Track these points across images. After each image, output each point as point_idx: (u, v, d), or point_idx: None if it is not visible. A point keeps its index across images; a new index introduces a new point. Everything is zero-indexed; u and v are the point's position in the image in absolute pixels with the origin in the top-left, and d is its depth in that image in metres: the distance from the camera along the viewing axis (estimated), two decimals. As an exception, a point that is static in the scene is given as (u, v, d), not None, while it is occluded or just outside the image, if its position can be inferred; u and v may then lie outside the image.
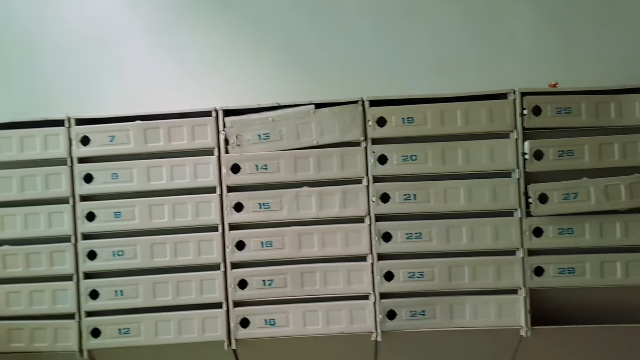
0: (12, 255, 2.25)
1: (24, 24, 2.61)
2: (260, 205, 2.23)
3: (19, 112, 2.33)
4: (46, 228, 2.25)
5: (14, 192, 2.25)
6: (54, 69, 2.61)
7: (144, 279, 2.25)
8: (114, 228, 2.25)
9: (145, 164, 2.24)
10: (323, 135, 2.20)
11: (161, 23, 2.63)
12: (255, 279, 2.24)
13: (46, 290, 2.25)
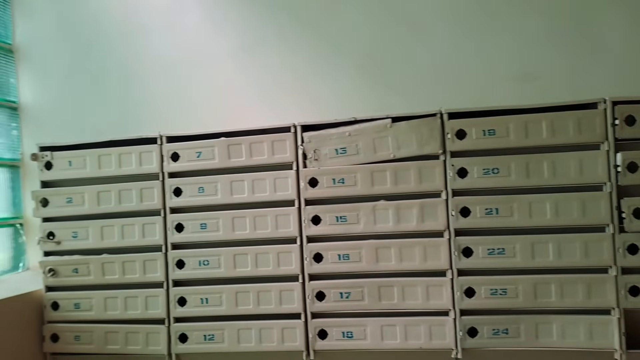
0: (110, 263, 2.45)
1: (121, 51, 2.86)
2: (337, 218, 2.28)
3: (118, 131, 2.55)
4: (140, 238, 2.43)
5: (112, 204, 2.45)
6: (147, 91, 2.83)
7: (227, 288, 2.36)
8: (200, 239, 2.39)
9: (229, 178, 2.37)
10: (400, 148, 2.22)
11: (244, 45, 2.77)
12: (333, 291, 2.28)
13: (139, 297, 2.43)
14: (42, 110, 2.94)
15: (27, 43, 2.96)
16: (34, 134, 2.88)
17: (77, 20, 2.90)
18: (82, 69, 2.89)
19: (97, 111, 2.86)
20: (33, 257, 2.86)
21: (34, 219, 2.65)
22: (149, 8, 2.84)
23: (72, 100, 2.89)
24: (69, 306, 2.49)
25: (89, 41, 2.89)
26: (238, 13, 2.78)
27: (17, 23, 2.96)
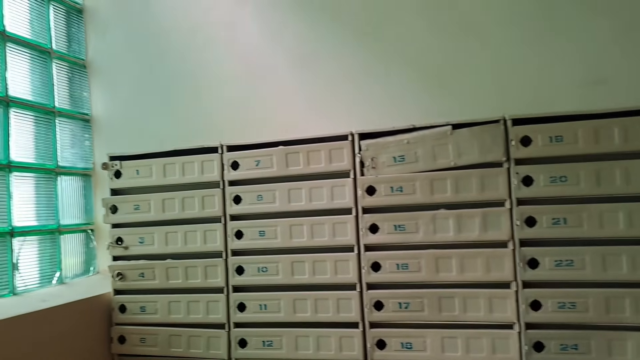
0: (174, 268, 2.55)
1: (185, 65, 2.99)
2: (395, 227, 2.27)
3: (182, 141, 2.66)
4: (202, 244, 2.52)
5: (176, 211, 2.55)
6: (209, 102, 2.94)
7: (285, 294, 2.40)
8: (259, 246, 2.44)
9: (287, 186, 2.41)
10: (461, 156, 2.18)
11: (302, 55, 2.82)
12: (392, 301, 2.27)
13: (201, 301, 2.51)
14: (112, 121, 3.11)
15: (98, 58, 3.15)
16: (105, 145, 3.05)
17: (145, 36, 3.06)
18: (149, 82, 3.04)
19: (163, 122, 3.00)
20: (103, 262, 3.02)
21: (104, 225, 2.81)
22: (212, 23, 2.95)
23: (140, 112, 3.05)
24: (136, 309, 2.61)
25: (156, 56, 3.03)
26: (296, 24, 2.83)
27: (90, 40, 3.16)
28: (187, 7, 3.01)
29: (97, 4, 3.16)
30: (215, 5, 2.97)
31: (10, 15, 2.62)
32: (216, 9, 2.96)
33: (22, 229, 2.58)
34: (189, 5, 3.00)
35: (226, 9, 2.95)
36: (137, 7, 3.09)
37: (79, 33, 3.10)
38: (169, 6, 3.04)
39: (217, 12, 2.96)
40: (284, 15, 2.86)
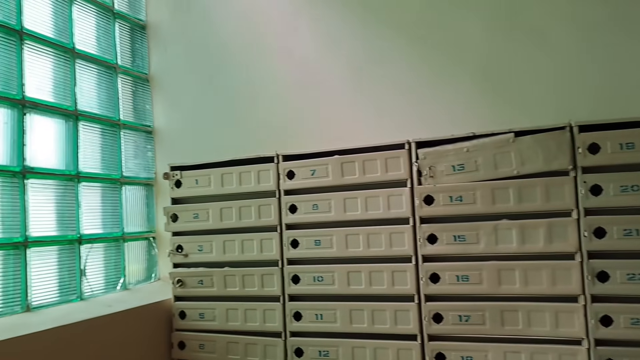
0: (231, 276, 2.62)
1: (243, 77, 3.08)
2: (455, 237, 2.23)
3: (239, 150, 2.73)
4: (258, 253, 2.57)
5: (233, 220, 2.62)
6: (265, 112, 3.01)
7: (341, 305, 2.40)
8: (315, 255, 2.46)
9: (342, 195, 2.42)
10: (524, 164, 2.12)
11: (357, 64, 2.84)
12: (451, 313, 2.22)
13: (258, 309, 2.56)
14: (173, 132, 3.24)
15: (160, 72, 3.30)
16: (166, 155, 3.18)
17: (204, 50, 3.18)
18: (208, 94, 3.15)
19: (221, 132, 3.09)
20: (164, 268, 3.14)
21: (165, 233, 2.93)
22: (268, 35, 3.03)
23: (199, 123, 3.16)
24: (195, 315, 2.69)
25: (214, 68, 3.14)
26: (351, 34, 2.86)
27: (153, 54, 3.31)
28: (244, 20, 3.10)
29: (159, 20, 3.31)
30: (272, 18, 3.04)
31: (79, 33, 2.79)
32: (273, 22, 3.04)
33: (89, 236, 2.73)
34: (247, 18, 3.10)
35: (283, 21, 3.02)
36: (196, 23, 3.21)
37: (142, 48, 3.26)
38: (227, 20, 3.15)
39: (273, 25, 3.03)
40: (340, 25, 2.89)
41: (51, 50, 2.62)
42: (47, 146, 2.56)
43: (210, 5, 3.19)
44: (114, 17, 3.07)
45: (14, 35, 2.43)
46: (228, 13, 3.15)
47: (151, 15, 3.35)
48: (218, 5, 3.17)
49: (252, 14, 3.08)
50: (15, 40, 2.43)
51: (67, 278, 2.59)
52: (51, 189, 2.56)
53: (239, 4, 3.13)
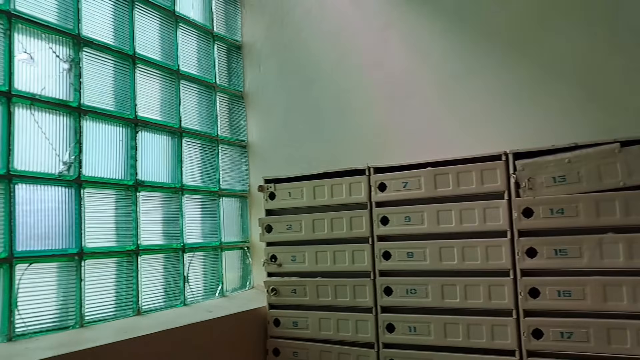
0: (324, 286, 2.73)
1: (333, 91, 3.23)
2: (556, 251, 2.20)
3: (330, 163, 2.86)
4: (350, 264, 2.67)
5: (325, 232, 2.74)
6: (356, 125, 3.13)
7: (435, 318, 2.44)
8: (407, 267, 2.52)
9: (435, 207, 2.47)
10: (631, 175, 2.06)
11: (448, 75, 2.88)
12: (552, 329, 2.19)
13: (350, 320, 2.65)
14: (266, 147, 3.45)
15: (254, 89, 3.53)
16: (259, 168, 3.40)
17: (296, 66, 3.36)
18: (299, 109, 3.33)
19: (311, 146, 3.25)
20: (257, 277, 3.32)
21: (258, 243, 3.11)
22: (358, 49, 3.16)
23: (290, 137, 3.34)
24: (288, 323, 2.83)
25: (306, 84, 3.32)
26: (442, 44, 2.91)
27: (247, 73, 3.55)
28: (335, 36, 3.25)
29: (254, 40, 3.55)
30: (361, 33, 3.17)
31: (183, 55, 3.08)
32: (363, 36, 3.16)
33: (191, 245, 2.97)
34: (337, 34, 3.24)
35: (372, 35, 3.13)
36: (289, 41, 3.41)
37: (237, 67, 3.52)
38: (318, 37, 3.31)
39: (363, 39, 3.15)
40: (430, 37, 2.95)
41: (159, 73, 2.91)
42: (155, 161, 2.83)
43: (302, 24, 3.37)
44: (213, 40, 3.34)
45: (128, 59, 2.73)
46: (319, 30, 3.31)
47: (246, 36, 3.60)
48: (310, 23, 3.35)
49: (342, 29, 3.22)
50: (129, 65, 2.73)
51: (172, 284, 2.84)
52: (159, 201, 2.83)
53: (329, 21, 3.28)
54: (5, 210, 2.11)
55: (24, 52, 2.23)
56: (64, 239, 2.34)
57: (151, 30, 2.89)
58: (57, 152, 2.34)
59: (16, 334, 2.10)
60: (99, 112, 2.53)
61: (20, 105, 2.21)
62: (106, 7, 2.64)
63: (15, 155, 2.17)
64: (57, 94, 2.36)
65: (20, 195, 2.19)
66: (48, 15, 2.35)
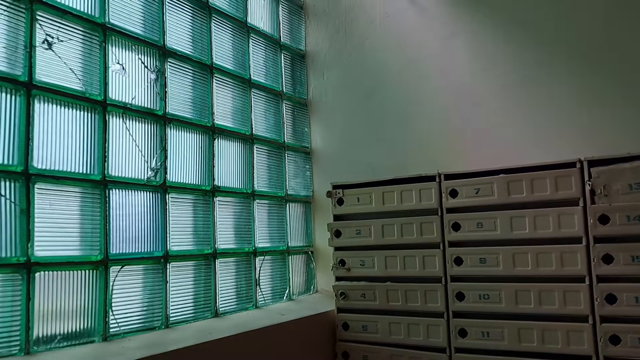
0: (394, 290, 2.84)
1: (398, 99, 3.34)
2: (633, 258, 2.26)
3: (395, 170, 2.98)
4: (420, 269, 2.76)
5: (395, 237, 2.85)
6: (423, 132, 3.23)
7: (508, 323, 2.52)
8: (480, 273, 2.60)
9: (508, 214, 2.55)
10: None
11: (517, 81, 2.96)
12: (630, 335, 2.25)
13: (421, 324, 2.75)
14: (329, 153, 3.59)
15: (317, 97, 3.68)
16: (322, 174, 3.54)
17: (359, 74, 3.50)
18: (362, 117, 3.46)
19: (374, 152, 3.37)
20: (321, 281, 3.45)
21: (321, 248, 3.23)
22: (423, 58, 3.27)
23: (353, 144, 3.47)
24: (358, 327, 2.94)
25: (369, 91, 3.44)
26: (508, 51, 2.99)
27: (311, 80, 3.70)
28: (399, 44, 3.37)
29: (317, 49, 3.71)
30: (427, 40, 3.28)
31: (254, 65, 3.25)
32: (428, 44, 3.27)
33: (261, 249, 3.11)
34: (401, 42, 3.36)
35: (437, 43, 3.24)
36: (353, 49, 3.56)
37: (301, 75, 3.67)
38: (382, 45, 3.44)
39: (429, 46, 3.26)
40: (495, 44, 3.04)
41: (232, 81, 3.08)
42: (229, 167, 2.99)
43: (366, 33, 3.51)
44: (280, 49, 3.50)
45: (206, 69, 2.90)
46: (383, 39, 3.44)
47: (310, 45, 3.76)
48: (373, 32, 3.48)
49: (406, 38, 3.34)
50: (207, 74, 2.90)
51: (244, 287, 2.98)
52: (232, 206, 2.99)
53: (393, 29, 3.40)
54: (102, 214, 2.29)
55: (117, 63, 2.40)
56: (150, 243, 2.51)
57: (226, 40, 3.07)
58: (146, 158, 2.50)
59: (110, 333, 2.26)
60: (181, 120, 2.70)
61: (114, 114, 2.39)
62: (186, 19, 2.82)
63: (110, 162, 2.34)
64: (145, 103, 2.54)
65: (114, 200, 2.35)
66: (137, 27, 2.54)
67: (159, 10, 2.65)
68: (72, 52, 2.22)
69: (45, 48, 2.10)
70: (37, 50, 2.08)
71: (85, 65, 2.28)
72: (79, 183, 2.21)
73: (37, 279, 2.01)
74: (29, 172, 2.02)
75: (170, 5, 2.72)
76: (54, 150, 2.12)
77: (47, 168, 2.09)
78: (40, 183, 2.06)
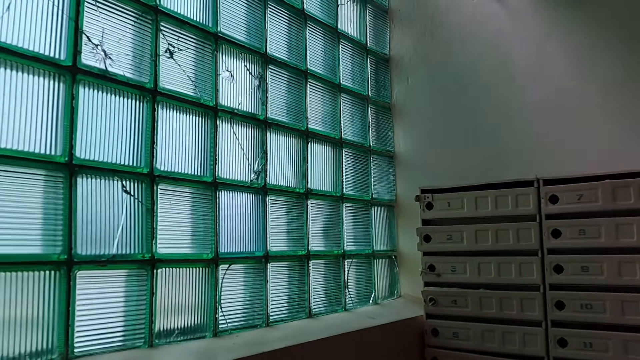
0: (487, 298, 2.83)
1: (487, 102, 3.32)
2: None
3: (484, 175, 2.96)
4: (516, 276, 2.74)
5: (489, 243, 2.84)
6: (516, 137, 3.20)
7: (614, 334, 2.46)
8: (582, 281, 2.56)
9: (614, 221, 2.50)
10: None
11: (618, 82, 2.89)
12: None
13: (516, 333, 2.72)
14: (412, 157, 3.61)
15: (401, 100, 3.71)
16: (406, 178, 3.56)
17: (445, 76, 3.51)
18: (448, 121, 3.46)
19: (459, 156, 3.37)
20: (404, 286, 3.47)
21: (405, 252, 3.25)
22: (514, 60, 3.25)
23: (438, 148, 3.48)
24: (448, 334, 2.94)
25: (456, 94, 3.44)
26: (607, 53, 2.93)
27: (394, 84, 3.74)
28: (489, 47, 3.36)
29: (402, 53, 3.74)
30: (518, 43, 3.25)
31: (344, 70, 3.33)
32: (520, 47, 3.24)
33: (349, 252, 3.17)
34: (492, 45, 3.35)
35: (531, 45, 3.20)
36: (439, 51, 3.57)
37: (385, 79, 3.71)
38: (471, 47, 3.44)
39: (521, 47, 3.23)
40: (592, 45, 2.99)
41: (323, 86, 3.16)
42: (320, 171, 3.06)
43: (454, 35, 3.51)
44: (366, 54, 3.56)
45: (301, 75, 2.99)
46: (473, 40, 3.43)
47: (394, 49, 3.80)
48: (462, 35, 3.48)
49: (497, 40, 3.32)
50: (302, 80, 2.99)
51: (334, 290, 3.04)
52: (322, 209, 3.05)
53: (484, 31, 3.39)
54: (212, 215, 2.39)
55: (226, 70, 2.51)
56: (252, 243, 2.60)
57: (318, 46, 3.15)
58: (250, 161, 2.61)
59: (220, 329, 2.36)
60: (279, 125, 2.79)
61: (223, 119, 2.49)
62: (283, 26, 2.92)
63: (219, 164, 2.45)
64: (249, 108, 2.64)
65: (222, 201, 2.46)
66: (242, 35, 2.65)
67: (262, 19, 2.76)
68: (188, 60, 2.34)
69: (167, 57, 2.22)
70: (160, 59, 2.21)
71: (199, 73, 2.40)
72: (193, 184, 2.33)
73: (159, 275, 2.13)
74: (154, 174, 2.14)
75: (270, 12, 2.82)
76: (172, 153, 2.25)
77: (168, 170, 2.22)
78: (162, 184, 2.18)
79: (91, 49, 1.96)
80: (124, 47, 2.07)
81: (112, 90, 2.04)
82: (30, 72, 1.77)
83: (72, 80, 1.89)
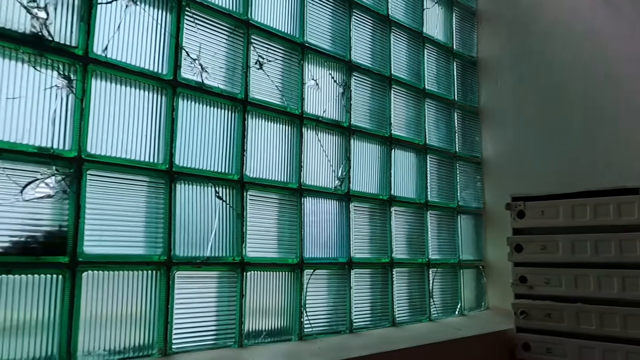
0: (586, 312, 2.69)
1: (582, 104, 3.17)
2: None
3: (587, 181, 2.82)
4: (619, 291, 2.59)
5: (588, 254, 2.70)
6: (613, 140, 3.03)
7: None
8: (695, 299, 2.38)
9: None
10: None
11: None
12: None
13: (619, 351, 2.57)
14: (501, 163, 3.51)
15: (489, 104, 3.63)
16: (494, 185, 3.46)
17: (538, 79, 3.38)
18: (540, 124, 3.33)
19: (553, 163, 3.23)
20: (492, 298, 3.38)
21: (493, 262, 3.15)
22: (614, 61, 3.07)
23: (530, 154, 3.36)
24: (541, 349, 2.82)
25: (549, 97, 3.31)
26: None
27: (482, 88, 3.67)
28: (586, 45, 3.19)
29: (490, 55, 3.67)
30: (620, 43, 3.08)
31: (428, 74, 3.31)
32: (618, 42, 3.06)
33: (434, 261, 3.14)
34: (589, 45, 3.19)
35: (630, 39, 3.02)
36: (531, 53, 3.45)
37: (472, 83, 3.65)
38: (566, 46, 3.29)
39: (622, 50, 3.06)
40: None
41: (408, 92, 3.16)
42: (403, 177, 3.06)
43: (548, 36, 3.38)
44: (452, 57, 3.52)
45: (385, 81, 3.01)
46: (566, 37, 3.28)
47: (482, 51, 3.72)
48: (555, 31, 3.34)
49: (596, 39, 3.16)
50: (386, 86, 3.01)
51: (418, 299, 3.02)
52: (406, 216, 3.05)
53: (581, 30, 3.24)
54: (298, 220, 2.47)
55: (312, 79, 2.59)
56: (336, 249, 2.65)
57: (403, 51, 3.16)
58: (333, 168, 2.66)
59: (305, 333, 2.42)
60: (363, 131, 2.83)
61: (308, 127, 2.57)
62: (367, 33, 2.96)
63: (304, 171, 2.52)
64: (334, 116, 2.70)
65: (306, 207, 2.54)
66: (327, 43, 2.71)
67: (347, 27, 2.81)
68: (276, 71, 2.45)
69: (257, 68, 2.34)
70: (251, 70, 2.33)
71: (285, 82, 2.49)
72: (279, 190, 2.42)
73: (248, 278, 2.23)
74: (244, 180, 2.26)
75: (355, 20, 2.87)
76: (260, 160, 2.35)
77: (256, 177, 2.32)
78: (251, 190, 2.29)
79: (189, 63, 2.10)
80: (218, 60, 2.20)
81: (207, 101, 2.18)
82: (136, 86, 1.94)
83: (172, 93, 2.05)
